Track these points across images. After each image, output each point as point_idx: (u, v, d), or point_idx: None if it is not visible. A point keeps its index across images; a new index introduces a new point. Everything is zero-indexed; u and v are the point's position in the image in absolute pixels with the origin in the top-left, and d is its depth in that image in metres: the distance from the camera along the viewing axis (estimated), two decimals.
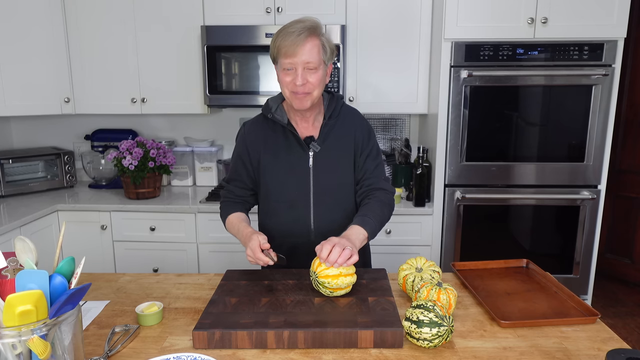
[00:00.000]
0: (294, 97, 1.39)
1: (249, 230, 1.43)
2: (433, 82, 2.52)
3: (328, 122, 1.50)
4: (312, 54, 1.34)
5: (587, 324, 1.20)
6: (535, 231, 2.50)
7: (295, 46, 1.33)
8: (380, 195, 1.49)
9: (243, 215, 1.55)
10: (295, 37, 1.32)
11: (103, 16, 2.62)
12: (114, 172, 2.88)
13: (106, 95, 2.72)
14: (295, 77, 1.35)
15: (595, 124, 2.37)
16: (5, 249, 1.65)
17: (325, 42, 1.39)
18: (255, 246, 1.33)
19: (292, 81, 1.36)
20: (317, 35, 1.36)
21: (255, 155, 1.53)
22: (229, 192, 1.60)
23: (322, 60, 1.38)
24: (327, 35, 1.42)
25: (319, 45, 1.36)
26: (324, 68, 1.40)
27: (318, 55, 1.36)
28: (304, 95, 1.38)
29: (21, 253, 0.87)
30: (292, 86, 1.37)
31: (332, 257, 1.20)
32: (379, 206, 1.45)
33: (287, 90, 1.40)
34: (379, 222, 1.43)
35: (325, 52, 1.39)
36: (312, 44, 1.34)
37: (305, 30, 1.33)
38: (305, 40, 1.33)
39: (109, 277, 1.53)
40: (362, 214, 1.41)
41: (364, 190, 1.52)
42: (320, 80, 1.40)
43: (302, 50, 1.33)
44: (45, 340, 0.80)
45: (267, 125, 1.53)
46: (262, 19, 2.56)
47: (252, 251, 1.33)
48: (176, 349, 1.10)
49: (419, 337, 1.06)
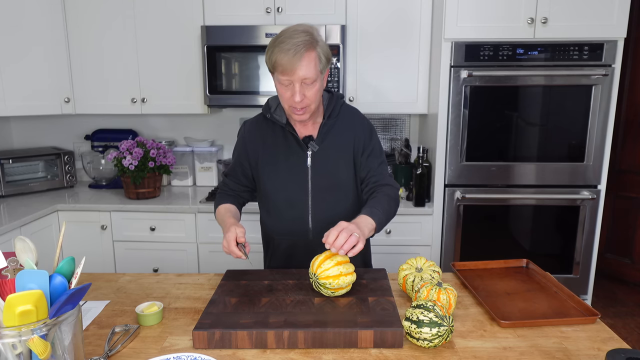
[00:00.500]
0: (293, 111, 1.40)
1: (230, 222, 1.44)
2: (433, 82, 2.52)
3: (327, 121, 1.50)
4: (309, 69, 1.32)
5: (587, 324, 1.20)
6: (535, 231, 2.50)
7: (292, 64, 1.31)
8: (387, 190, 1.48)
9: (232, 207, 1.57)
10: (292, 56, 1.30)
11: (103, 16, 2.62)
12: (114, 172, 2.88)
13: (106, 95, 2.72)
14: (294, 94, 1.34)
15: (595, 124, 2.37)
16: (5, 249, 1.65)
17: (321, 52, 1.36)
18: (231, 238, 1.35)
19: (291, 97, 1.36)
20: (313, 47, 1.33)
21: (254, 154, 1.54)
22: (225, 185, 1.64)
23: (319, 72, 1.36)
24: (322, 40, 1.38)
25: (315, 58, 1.34)
26: (321, 78, 1.39)
27: (315, 68, 1.34)
28: (302, 110, 1.39)
29: (21, 253, 0.87)
30: (290, 101, 1.37)
31: (338, 242, 1.19)
32: (386, 200, 1.44)
33: (285, 104, 1.41)
34: (386, 216, 1.41)
35: (321, 62, 1.36)
36: (308, 59, 1.32)
37: (301, 47, 1.30)
38: (302, 57, 1.31)
39: (109, 277, 1.53)
40: (370, 206, 1.40)
41: (370, 187, 1.51)
42: (318, 92, 1.39)
43: (299, 68, 1.31)
44: (45, 340, 0.80)
45: (267, 124, 1.54)
46: (262, 19, 2.56)
47: (227, 242, 1.35)
48: (176, 349, 1.10)
49: (419, 337, 1.06)
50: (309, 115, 1.43)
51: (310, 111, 1.41)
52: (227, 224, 1.44)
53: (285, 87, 1.37)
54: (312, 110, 1.41)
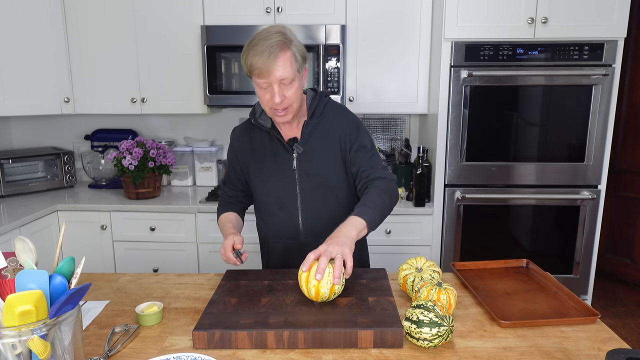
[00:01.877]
0: (275, 113, 1.39)
1: (229, 232, 1.50)
2: (433, 82, 2.52)
3: (310, 121, 1.48)
4: (285, 69, 1.31)
5: (587, 324, 1.20)
6: (535, 231, 2.50)
7: (266, 66, 1.29)
8: (379, 184, 1.44)
9: (232, 216, 1.61)
10: (267, 58, 1.29)
11: (103, 16, 2.62)
12: (114, 172, 2.88)
13: (106, 95, 2.71)
14: (273, 95, 1.33)
15: (595, 124, 2.37)
16: (5, 249, 1.65)
17: (296, 51, 1.35)
18: (228, 245, 1.42)
19: (271, 99, 1.35)
20: (287, 47, 1.32)
21: (244, 160, 1.56)
22: (224, 193, 1.68)
23: (295, 71, 1.35)
24: (296, 39, 1.37)
25: (291, 57, 1.33)
26: (299, 77, 1.38)
27: (291, 68, 1.33)
28: (284, 112, 1.38)
29: (21, 253, 0.87)
30: (271, 103, 1.36)
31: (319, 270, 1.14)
32: (378, 194, 1.40)
33: (266, 107, 1.39)
34: (380, 212, 1.36)
35: (297, 61, 1.35)
36: (284, 59, 1.31)
37: (275, 48, 1.29)
38: (276, 58, 1.29)
39: (109, 277, 1.53)
40: (361, 204, 1.36)
41: (362, 182, 1.48)
42: (297, 91, 1.38)
43: (275, 69, 1.30)
44: (45, 340, 0.80)
45: (254, 130, 1.54)
46: (262, 19, 2.56)
47: (223, 249, 1.43)
48: (176, 349, 1.10)
49: (419, 337, 1.06)
50: (292, 116, 1.41)
51: (293, 111, 1.40)
52: (227, 232, 1.51)
53: (264, 90, 1.35)
54: (294, 110, 1.40)
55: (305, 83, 1.45)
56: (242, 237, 1.46)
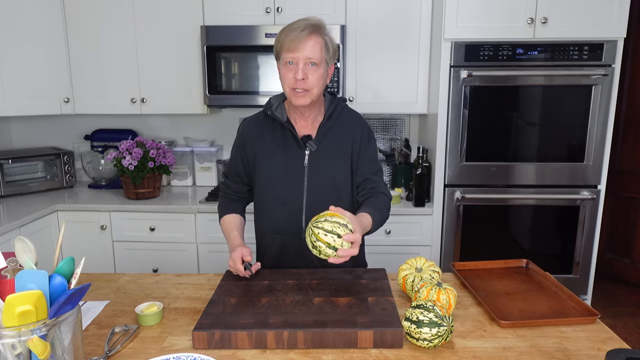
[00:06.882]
0: (294, 93, 1.41)
1: (236, 242, 1.49)
2: (433, 82, 2.52)
3: (327, 122, 1.50)
4: (314, 50, 1.37)
5: (586, 324, 1.20)
6: (535, 231, 2.50)
7: (298, 41, 1.36)
8: (383, 199, 1.51)
9: (236, 220, 1.58)
10: (299, 33, 1.36)
11: (103, 16, 2.62)
12: (114, 172, 2.87)
13: (106, 95, 2.71)
14: (297, 72, 1.37)
15: (595, 124, 2.37)
16: (5, 249, 1.65)
17: (328, 42, 1.42)
18: (237, 257, 1.39)
19: (293, 76, 1.38)
20: (320, 33, 1.39)
21: (252, 150, 1.54)
22: (227, 188, 1.64)
23: (323, 58, 1.40)
24: (331, 36, 1.44)
25: (321, 42, 1.39)
26: (325, 67, 1.42)
27: (320, 52, 1.38)
28: (303, 92, 1.40)
29: (21, 253, 0.87)
30: (292, 82, 1.39)
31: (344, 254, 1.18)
32: (384, 206, 1.49)
33: (287, 87, 1.42)
34: (379, 222, 1.44)
35: (327, 51, 1.41)
36: (314, 40, 1.37)
37: (309, 27, 1.37)
38: (308, 36, 1.36)
39: (109, 277, 1.53)
40: (371, 207, 1.42)
41: (366, 192, 1.52)
42: (321, 77, 1.41)
43: (305, 46, 1.36)
44: (45, 340, 0.80)
45: (267, 122, 1.55)
46: (262, 19, 2.56)
47: (233, 261, 1.40)
48: (176, 349, 1.10)
49: (419, 337, 1.06)
50: (310, 101, 1.43)
51: (312, 96, 1.42)
52: (234, 243, 1.49)
53: (288, 68, 1.40)
54: (313, 95, 1.42)
55: (329, 80, 1.49)
56: (250, 249, 1.43)
